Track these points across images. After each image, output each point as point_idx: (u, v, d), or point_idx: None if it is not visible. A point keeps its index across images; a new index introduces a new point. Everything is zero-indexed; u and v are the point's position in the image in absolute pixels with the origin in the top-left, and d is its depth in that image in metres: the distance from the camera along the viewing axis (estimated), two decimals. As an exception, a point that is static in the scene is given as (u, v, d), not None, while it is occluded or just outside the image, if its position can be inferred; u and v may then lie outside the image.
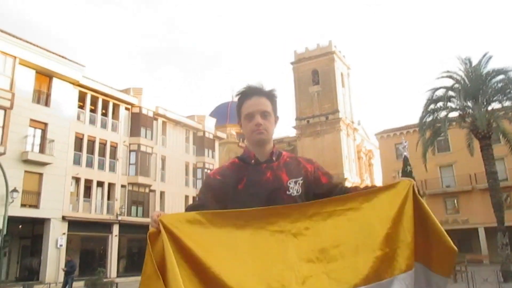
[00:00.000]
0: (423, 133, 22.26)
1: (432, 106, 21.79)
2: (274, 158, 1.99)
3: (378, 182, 61.45)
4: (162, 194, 35.69)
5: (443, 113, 22.04)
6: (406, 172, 23.11)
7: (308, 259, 1.59)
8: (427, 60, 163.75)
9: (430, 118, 22.26)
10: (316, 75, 60.71)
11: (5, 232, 19.26)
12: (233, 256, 1.54)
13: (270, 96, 2.05)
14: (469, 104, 21.54)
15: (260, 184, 1.90)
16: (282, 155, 2.04)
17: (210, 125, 42.85)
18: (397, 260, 1.63)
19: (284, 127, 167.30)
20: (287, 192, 1.88)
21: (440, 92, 21.47)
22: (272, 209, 1.71)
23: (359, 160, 63.70)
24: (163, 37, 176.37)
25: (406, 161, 23.22)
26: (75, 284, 18.10)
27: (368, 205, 1.69)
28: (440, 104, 21.84)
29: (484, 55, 21.83)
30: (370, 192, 1.76)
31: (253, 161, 1.99)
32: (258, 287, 1.50)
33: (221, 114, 63.73)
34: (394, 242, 1.65)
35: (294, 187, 1.89)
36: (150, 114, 35.51)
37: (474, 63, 21.79)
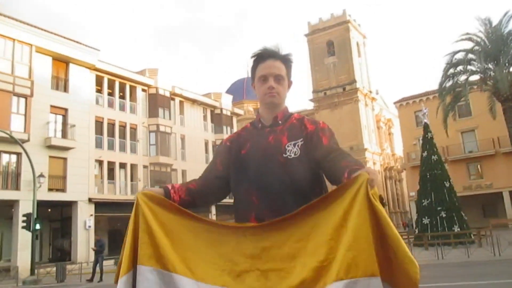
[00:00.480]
0: (443, 99, 21.88)
1: (451, 71, 21.34)
2: (279, 122, 1.99)
3: (399, 151, 60.95)
4: (183, 172, 36.21)
5: (463, 77, 21.60)
6: (427, 139, 22.94)
7: (251, 254, 1.63)
8: (446, 23, 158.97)
9: (450, 83, 21.85)
10: (331, 46, 59.81)
11: (35, 215, 19.98)
12: (187, 242, 1.67)
13: (285, 60, 2.04)
14: (490, 66, 21.01)
15: (260, 149, 1.91)
16: (292, 117, 2.03)
17: (227, 102, 42.89)
18: (331, 269, 1.49)
19: (301, 100, 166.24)
20: (283, 155, 1.86)
21: (459, 56, 21.00)
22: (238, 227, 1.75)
23: (378, 130, 63.13)
24: (177, 15, 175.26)
25: (426, 128, 23.00)
26: (105, 262, 18.73)
27: (320, 212, 1.59)
28: (460, 68, 21.38)
29: (505, 14, 21.14)
30: (325, 197, 1.63)
31: (260, 125, 2.02)
32: (204, 272, 1.62)
33: (238, 90, 63.58)
34: (334, 251, 1.50)
35: (292, 150, 1.88)
36: (167, 94, 35.73)
37: (495, 23, 21.13)
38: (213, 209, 34.82)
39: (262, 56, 2.01)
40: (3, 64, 24.45)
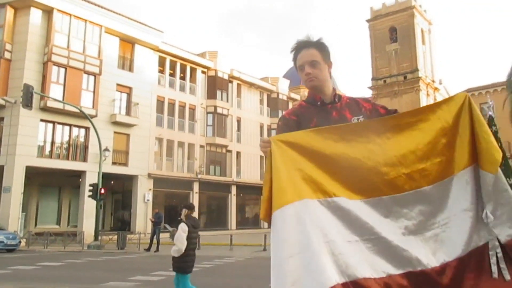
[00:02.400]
0: (511, 91, 20.72)
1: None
2: (336, 100, 2.24)
3: (460, 144, 58.17)
4: (238, 154, 37.00)
5: (536, 69, 20.29)
6: (492, 133, 21.89)
7: (392, 163, 1.93)
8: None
9: (520, 75, 20.61)
10: (394, 32, 57.73)
11: (100, 186, 21.43)
12: (332, 164, 1.91)
13: (318, 45, 2.25)
14: None
15: (329, 122, 2.11)
16: (342, 97, 2.29)
17: (284, 86, 43.01)
18: (455, 162, 1.92)
19: (360, 87, 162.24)
20: None
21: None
22: (359, 124, 2.08)
23: (440, 121, 60.68)
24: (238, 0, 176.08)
25: (491, 121, 21.69)
26: (161, 235, 19.78)
27: (433, 116, 1.98)
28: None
29: None
30: (434, 105, 2.04)
31: (319, 103, 2.25)
32: (352, 188, 1.89)
33: (295, 75, 63.14)
34: (453, 147, 1.94)
35: None
36: (226, 77, 36.44)
37: None
38: (233, 189, 35.53)
39: (297, 48, 2.26)
40: (76, 44, 26.07)
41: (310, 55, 2.22)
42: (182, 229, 6.39)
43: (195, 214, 7.10)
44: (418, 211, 1.91)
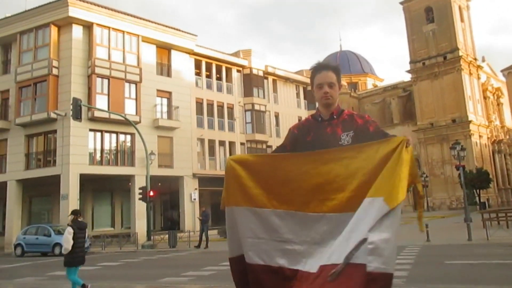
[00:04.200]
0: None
1: None
2: (335, 117, 2.62)
3: (510, 123, 55.98)
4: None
5: None
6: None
7: (312, 189, 2.40)
8: None
9: None
10: (430, 12, 56.06)
11: (148, 188, 22.50)
12: (267, 182, 2.51)
13: (335, 69, 2.67)
14: None
15: (321, 137, 2.56)
16: (343, 113, 2.66)
17: (319, 78, 42.90)
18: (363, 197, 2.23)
19: (398, 72, 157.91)
20: (339, 142, 2.51)
21: None
22: (303, 155, 2.51)
23: (485, 100, 58.33)
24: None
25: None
26: (209, 232, 20.56)
27: (361, 155, 2.33)
28: None
29: None
30: (366, 144, 2.37)
31: (320, 119, 2.67)
32: (278, 201, 2.48)
33: (330, 65, 62.63)
34: (368, 186, 2.23)
35: (345, 139, 2.51)
36: (260, 73, 36.93)
37: None
38: None
39: (317, 69, 2.69)
40: (116, 55, 27.35)
41: (330, 77, 2.63)
42: (68, 232, 7.96)
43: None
44: (322, 230, 2.36)
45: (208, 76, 34.05)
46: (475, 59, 57.12)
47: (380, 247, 2.05)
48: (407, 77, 59.94)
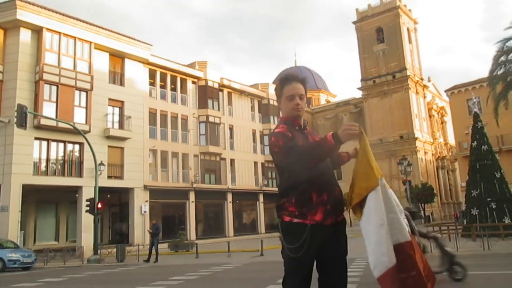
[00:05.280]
0: (494, 87, 21.32)
1: (503, 58, 20.69)
2: (307, 127, 2.81)
3: (452, 140, 58.81)
4: (232, 161, 37.37)
5: (516, 65, 20.88)
6: (477, 129, 22.44)
7: None
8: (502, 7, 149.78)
9: (502, 71, 21.18)
10: (380, 32, 58.62)
11: (97, 200, 21.71)
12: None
13: (304, 82, 2.78)
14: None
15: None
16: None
17: (274, 92, 43.44)
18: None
19: (349, 89, 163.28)
20: None
21: (511, 43, 20.30)
22: None
23: (430, 118, 61.35)
24: (223, 5, 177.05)
25: (476, 117, 22.50)
26: (159, 245, 20.06)
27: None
28: (512, 55, 20.70)
29: None
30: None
31: (297, 127, 2.74)
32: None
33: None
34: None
35: None
36: (216, 86, 36.89)
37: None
38: (229, 196, 35.94)
39: (287, 79, 2.74)
40: (66, 61, 26.42)
41: (300, 89, 2.71)
42: None
43: (193, 222, 7.87)
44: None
45: (163, 87, 33.60)
46: (422, 79, 60.11)
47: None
48: (359, 94, 62.06)
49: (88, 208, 21.93)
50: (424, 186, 45.14)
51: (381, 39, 58.59)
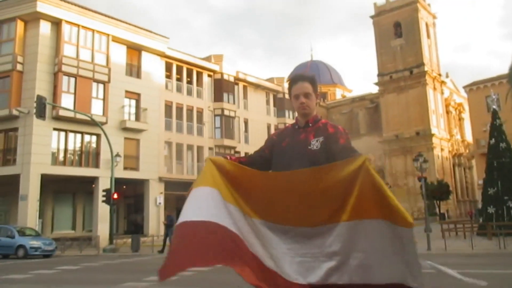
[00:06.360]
0: (512, 84, 20.94)
1: (523, 54, 20.25)
2: (310, 124, 2.75)
3: (470, 137, 58.11)
4: (246, 155, 37.42)
5: (537, 61, 20.42)
6: (495, 126, 22.11)
7: (290, 205, 2.39)
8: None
9: (522, 67, 20.79)
10: (398, 27, 57.82)
11: (112, 191, 22.04)
12: (250, 191, 2.48)
13: (311, 80, 2.79)
14: None
15: (294, 142, 2.70)
16: (319, 122, 2.77)
17: (289, 86, 43.36)
18: (339, 214, 2.26)
19: (366, 84, 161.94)
20: (308, 147, 2.62)
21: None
22: (279, 174, 2.56)
23: (447, 114, 60.47)
24: (238, 1, 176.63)
25: (495, 114, 22.19)
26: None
27: (330, 175, 2.33)
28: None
29: None
30: (333, 164, 2.38)
31: (296, 126, 2.81)
32: (262, 212, 2.43)
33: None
34: (338, 202, 2.28)
35: (315, 144, 2.62)
36: (231, 79, 36.96)
37: None
38: None
39: (294, 80, 2.80)
40: (84, 53, 26.75)
41: (306, 88, 2.73)
42: None
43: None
44: (301, 240, 2.36)
45: (179, 79, 33.79)
46: (440, 74, 59.23)
47: (410, 266, 2.17)
48: (375, 89, 61.49)
49: (104, 198, 22.30)
50: (439, 183, 44.63)
51: (398, 33, 57.80)
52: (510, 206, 20.07)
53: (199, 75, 35.20)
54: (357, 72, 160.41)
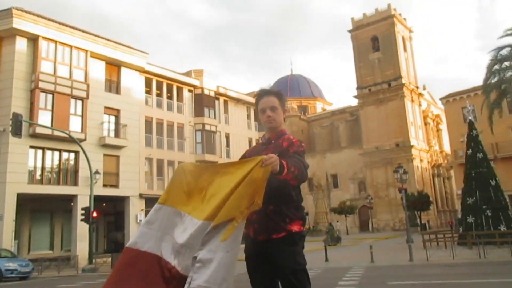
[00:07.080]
0: (488, 95, 21.47)
1: (496, 67, 20.87)
2: (272, 141, 2.77)
3: (448, 148, 59.12)
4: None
5: (510, 73, 21.03)
6: (472, 137, 22.55)
7: (193, 194, 2.57)
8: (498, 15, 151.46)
9: (496, 79, 21.36)
10: (376, 41, 58.89)
11: (92, 209, 21.59)
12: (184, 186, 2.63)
13: (277, 94, 2.82)
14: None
15: None
16: (283, 137, 2.77)
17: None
18: (229, 210, 2.37)
19: (346, 97, 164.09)
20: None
21: (505, 52, 20.47)
22: (211, 166, 2.69)
23: (426, 126, 61.52)
24: (221, 15, 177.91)
25: (471, 125, 22.63)
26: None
27: (231, 171, 2.47)
28: (506, 63, 20.85)
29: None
30: (237, 162, 2.58)
31: (263, 140, 2.86)
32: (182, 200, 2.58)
33: (281, 88, 63.81)
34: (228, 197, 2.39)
35: None
36: (212, 94, 36.95)
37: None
38: None
39: (260, 95, 2.84)
40: (62, 69, 26.39)
41: (271, 101, 2.76)
42: None
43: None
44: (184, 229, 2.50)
45: (159, 95, 33.60)
46: (417, 87, 60.38)
47: (205, 265, 2.29)
48: (355, 102, 62.24)
49: (83, 217, 21.81)
50: (420, 194, 45.12)
51: (376, 47, 58.87)
52: (488, 215, 20.36)
53: (179, 90, 35.09)
54: (339, 85, 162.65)
